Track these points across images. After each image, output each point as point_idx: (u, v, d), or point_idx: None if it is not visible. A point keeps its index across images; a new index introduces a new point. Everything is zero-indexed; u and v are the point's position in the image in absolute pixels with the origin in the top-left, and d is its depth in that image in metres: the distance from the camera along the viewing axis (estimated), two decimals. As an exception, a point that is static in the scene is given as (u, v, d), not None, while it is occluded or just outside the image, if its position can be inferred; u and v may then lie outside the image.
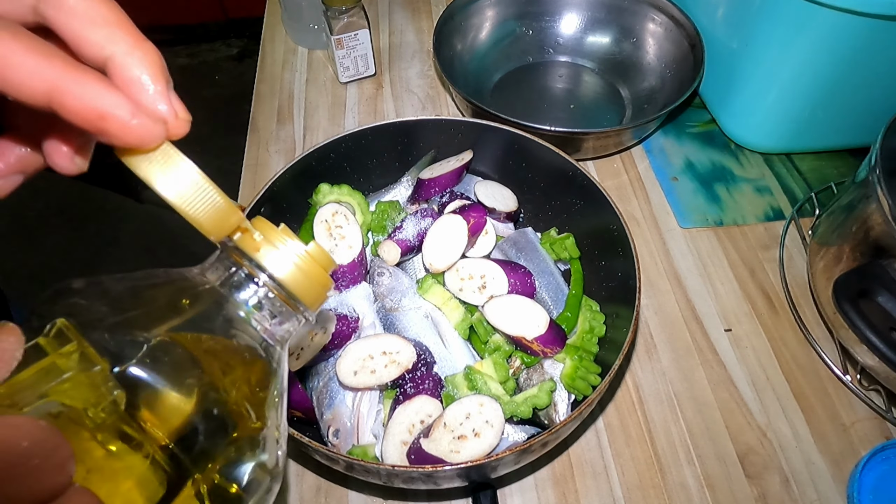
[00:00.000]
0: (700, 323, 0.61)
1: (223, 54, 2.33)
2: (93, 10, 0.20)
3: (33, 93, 0.18)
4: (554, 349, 0.49)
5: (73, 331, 0.19)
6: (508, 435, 0.47)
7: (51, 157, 0.23)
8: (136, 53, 0.20)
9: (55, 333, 0.19)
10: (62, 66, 0.18)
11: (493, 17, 0.84)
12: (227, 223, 0.22)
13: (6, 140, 0.23)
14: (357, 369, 0.47)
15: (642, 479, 0.52)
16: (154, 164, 0.21)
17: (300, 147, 0.77)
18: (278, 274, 0.23)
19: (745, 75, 0.70)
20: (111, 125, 0.19)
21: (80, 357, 0.19)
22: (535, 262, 0.56)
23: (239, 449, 0.22)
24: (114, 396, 0.19)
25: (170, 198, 0.21)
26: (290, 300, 0.23)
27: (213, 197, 0.22)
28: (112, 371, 0.19)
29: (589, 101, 0.81)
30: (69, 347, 0.19)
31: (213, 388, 0.21)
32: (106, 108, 0.19)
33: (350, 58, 0.81)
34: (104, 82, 0.19)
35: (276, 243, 0.23)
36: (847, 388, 0.56)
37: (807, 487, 0.51)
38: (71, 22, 0.20)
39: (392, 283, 0.54)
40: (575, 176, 0.55)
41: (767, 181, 0.73)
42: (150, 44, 0.21)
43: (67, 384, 0.18)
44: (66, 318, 0.20)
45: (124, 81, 0.20)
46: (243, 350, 0.23)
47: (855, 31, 0.58)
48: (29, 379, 0.18)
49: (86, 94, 0.18)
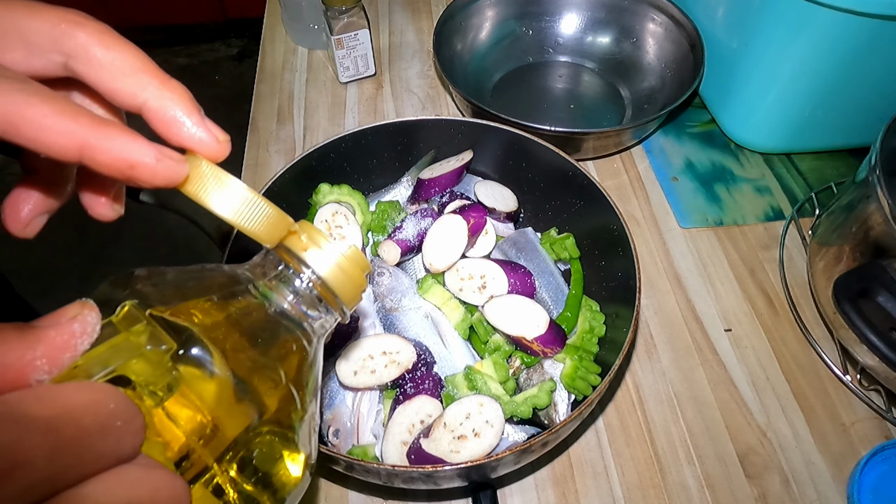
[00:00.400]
0: (700, 323, 0.61)
1: (223, 54, 2.33)
2: (119, 61, 0.21)
3: (66, 151, 0.20)
4: (554, 349, 0.49)
5: (141, 312, 0.21)
6: (508, 435, 0.47)
7: (92, 210, 0.26)
8: (167, 94, 0.22)
9: (125, 314, 0.21)
10: (90, 123, 0.20)
11: (493, 17, 0.84)
12: (280, 230, 0.24)
13: (30, 183, 0.25)
14: (357, 369, 0.47)
15: (642, 479, 0.52)
16: (206, 188, 0.23)
17: (300, 147, 0.77)
18: (322, 272, 0.25)
19: (745, 75, 0.70)
20: (140, 172, 0.21)
21: (150, 337, 0.20)
22: (535, 262, 0.56)
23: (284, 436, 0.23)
24: (174, 376, 0.20)
25: (227, 217, 0.23)
26: (330, 296, 0.25)
27: (264, 209, 0.23)
28: (176, 353, 0.20)
29: (589, 101, 0.81)
30: (139, 327, 0.20)
31: (265, 375, 0.23)
32: (134, 158, 0.20)
33: (350, 58, 0.81)
34: (128, 133, 0.21)
35: (321, 244, 0.25)
36: (847, 388, 0.56)
37: (807, 487, 0.51)
38: (102, 76, 0.21)
39: (392, 283, 0.54)
40: (575, 176, 0.55)
41: (767, 181, 0.73)
42: (175, 81, 0.22)
43: (135, 361, 0.20)
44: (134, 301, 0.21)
45: (163, 122, 0.22)
46: (289, 341, 0.24)
47: (855, 31, 0.58)
48: (103, 354, 0.19)
49: (114, 147, 0.20)
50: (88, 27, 0.21)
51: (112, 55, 0.21)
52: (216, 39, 2.35)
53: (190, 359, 0.20)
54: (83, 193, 0.25)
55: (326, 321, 0.26)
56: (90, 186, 0.25)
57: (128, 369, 0.19)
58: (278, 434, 0.23)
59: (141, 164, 0.21)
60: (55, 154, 0.20)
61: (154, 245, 1.69)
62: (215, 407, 0.21)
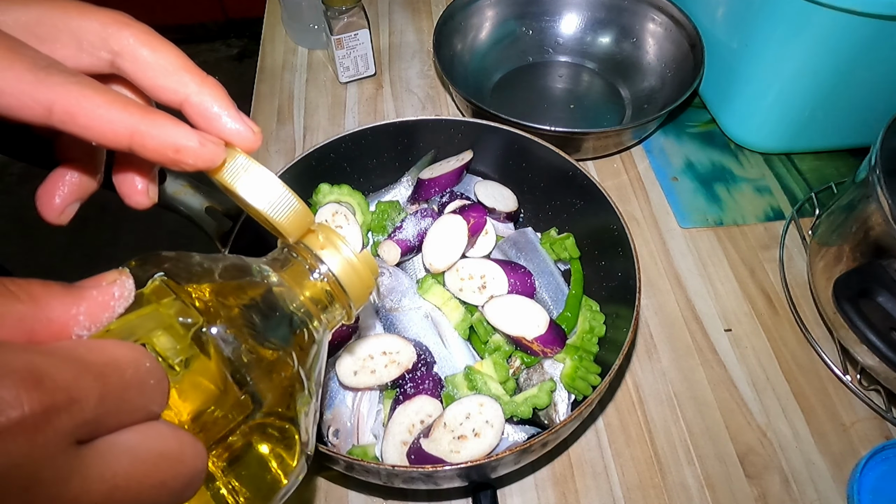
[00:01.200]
0: (700, 323, 0.61)
1: (223, 54, 2.33)
2: (162, 60, 0.23)
3: (117, 138, 0.21)
4: (554, 349, 0.49)
5: (171, 286, 0.22)
6: (508, 435, 0.47)
7: (130, 198, 0.27)
8: (206, 91, 0.24)
9: (154, 288, 0.22)
10: (139, 112, 0.21)
11: (493, 17, 0.84)
12: (303, 225, 0.26)
13: (64, 172, 0.26)
14: (357, 369, 0.47)
15: (642, 479, 0.52)
16: (240, 177, 0.24)
17: (300, 147, 0.77)
18: (336, 270, 0.26)
19: (745, 75, 0.70)
20: (185, 155, 0.22)
21: (179, 311, 0.21)
22: (535, 262, 0.56)
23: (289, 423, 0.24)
24: (194, 352, 0.21)
25: (258, 206, 0.24)
26: (341, 294, 0.27)
27: (293, 203, 0.25)
28: (200, 329, 0.21)
29: (589, 101, 0.81)
30: (168, 300, 0.21)
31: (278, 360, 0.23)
32: (180, 142, 0.22)
33: (350, 58, 0.81)
34: (173, 120, 0.22)
35: (337, 244, 0.27)
36: (847, 388, 0.56)
37: (807, 487, 0.51)
38: (146, 74, 0.23)
39: (392, 283, 0.54)
40: (575, 176, 0.55)
41: (767, 181, 0.73)
42: (212, 79, 0.24)
43: (160, 333, 0.21)
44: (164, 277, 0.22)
45: (203, 116, 0.24)
46: (300, 332, 0.25)
47: (855, 31, 0.58)
48: (134, 321, 0.20)
49: (161, 133, 0.22)
50: (135, 28, 0.23)
51: (157, 55, 0.23)
52: (216, 39, 2.35)
53: (210, 337, 0.21)
54: (121, 182, 0.27)
55: (334, 317, 0.27)
56: (128, 174, 0.27)
57: (152, 340, 0.20)
58: (284, 420, 0.23)
59: (186, 148, 0.22)
60: (107, 141, 0.21)
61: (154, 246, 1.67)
62: (225, 387, 0.21)
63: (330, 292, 0.26)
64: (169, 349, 0.20)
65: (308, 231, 0.27)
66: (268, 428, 0.23)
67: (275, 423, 0.23)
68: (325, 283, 0.26)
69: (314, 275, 0.26)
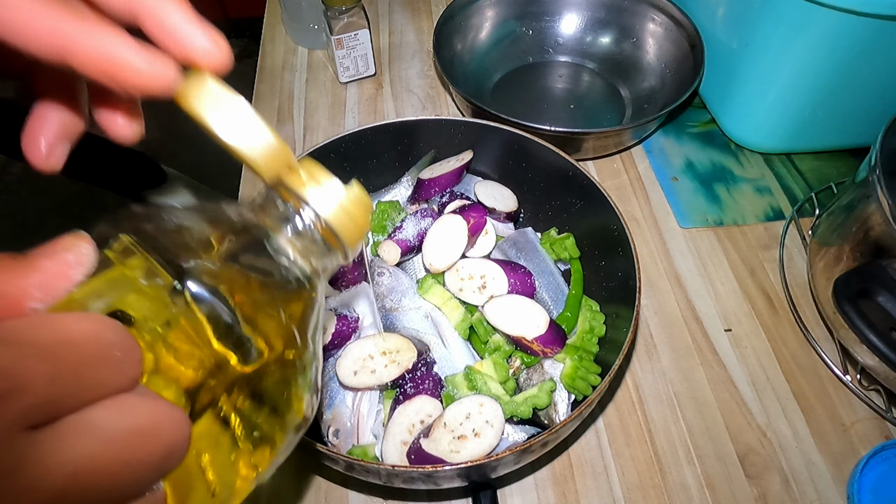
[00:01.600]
0: (700, 323, 0.61)
1: (223, 54, 2.33)
2: None
3: (48, 47, 0.18)
4: (554, 349, 0.49)
5: (138, 246, 0.20)
6: (508, 435, 0.47)
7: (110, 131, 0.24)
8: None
9: (121, 249, 0.20)
10: (72, 18, 0.18)
11: (493, 17, 0.84)
12: (279, 162, 0.23)
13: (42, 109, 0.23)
14: (357, 369, 0.47)
15: (642, 479, 0.52)
16: (207, 105, 0.21)
17: (300, 147, 0.77)
18: (322, 210, 0.23)
19: (745, 75, 0.70)
20: (128, 75, 0.19)
21: (146, 271, 0.19)
22: (535, 262, 0.56)
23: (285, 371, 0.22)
24: (173, 312, 0.19)
25: (228, 141, 0.22)
26: (332, 236, 0.24)
27: (266, 135, 0.22)
28: (173, 288, 0.20)
29: (589, 101, 0.81)
30: (135, 261, 0.20)
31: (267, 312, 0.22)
32: (121, 57, 0.18)
33: (350, 58, 0.81)
34: (116, 32, 0.19)
35: (321, 181, 0.23)
36: (847, 388, 0.56)
37: (807, 487, 0.51)
38: None
39: (392, 283, 0.54)
40: (575, 176, 0.55)
41: (767, 181, 0.73)
42: None
43: (132, 296, 0.19)
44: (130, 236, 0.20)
45: (161, 29, 0.20)
46: (290, 280, 0.24)
47: (855, 31, 0.58)
48: (98, 286, 0.19)
49: (97, 44, 0.18)
50: None
51: None
52: (216, 39, 2.35)
53: (189, 295, 0.20)
54: (98, 113, 0.24)
55: (328, 262, 0.25)
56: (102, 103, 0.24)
57: (126, 304, 0.19)
58: (286, 369, 0.22)
59: (128, 66, 0.19)
60: (37, 51, 0.18)
61: (154, 245, 1.69)
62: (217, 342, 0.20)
63: (320, 235, 0.24)
64: (143, 313, 0.19)
65: (289, 169, 0.23)
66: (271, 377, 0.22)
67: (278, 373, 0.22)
68: (311, 225, 0.24)
69: (298, 218, 0.23)
